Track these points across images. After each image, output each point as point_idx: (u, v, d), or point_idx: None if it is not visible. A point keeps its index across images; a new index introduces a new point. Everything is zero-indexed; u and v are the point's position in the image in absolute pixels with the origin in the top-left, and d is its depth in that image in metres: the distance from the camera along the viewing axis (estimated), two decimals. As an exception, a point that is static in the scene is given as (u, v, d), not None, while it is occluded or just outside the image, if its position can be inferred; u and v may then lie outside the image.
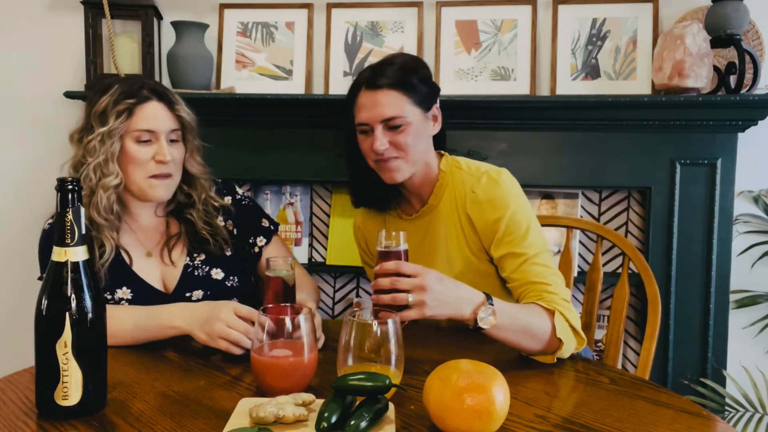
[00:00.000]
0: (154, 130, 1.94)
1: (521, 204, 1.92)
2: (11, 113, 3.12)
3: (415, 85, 1.93)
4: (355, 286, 3.10)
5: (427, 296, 1.55)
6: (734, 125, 2.58)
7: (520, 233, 1.87)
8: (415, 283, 1.55)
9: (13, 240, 3.15)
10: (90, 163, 1.92)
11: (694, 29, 2.49)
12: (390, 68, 1.94)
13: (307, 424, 1.24)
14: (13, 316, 3.14)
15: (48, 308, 1.27)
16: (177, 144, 2.00)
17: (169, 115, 1.97)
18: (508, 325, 1.65)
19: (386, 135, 1.92)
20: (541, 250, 1.87)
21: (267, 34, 2.96)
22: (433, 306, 1.56)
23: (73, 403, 1.28)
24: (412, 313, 1.56)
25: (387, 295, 1.57)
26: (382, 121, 1.91)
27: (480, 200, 1.93)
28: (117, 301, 1.94)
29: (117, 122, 1.91)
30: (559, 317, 1.71)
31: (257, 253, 2.16)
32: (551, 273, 1.83)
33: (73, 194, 1.27)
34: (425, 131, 1.99)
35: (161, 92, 1.99)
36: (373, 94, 1.93)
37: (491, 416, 1.19)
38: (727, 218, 2.64)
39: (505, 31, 2.83)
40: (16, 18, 3.08)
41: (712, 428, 1.33)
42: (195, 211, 2.06)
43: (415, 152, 1.94)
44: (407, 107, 1.92)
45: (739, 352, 2.77)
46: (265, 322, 1.43)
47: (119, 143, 1.93)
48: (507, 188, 1.93)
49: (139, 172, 1.94)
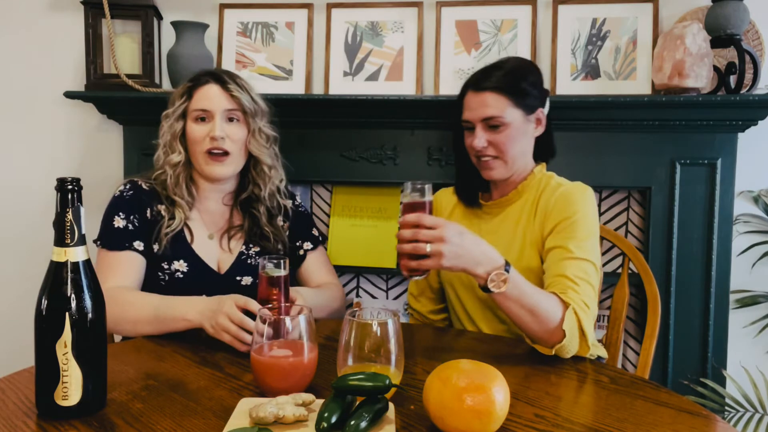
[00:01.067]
0: (208, 110, 2.10)
1: (592, 218, 1.99)
2: (11, 113, 3.13)
3: (519, 89, 2.04)
4: (355, 285, 3.11)
5: (445, 247, 1.62)
6: (734, 125, 2.58)
7: (579, 235, 1.92)
8: (434, 235, 1.62)
9: (14, 240, 3.15)
10: (160, 143, 2.18)
11: (694, 29, 2.49)
12: (497, 72, 2.06)
13: (307, 424, 1.24)
14: (13, 316, 3.14)
15: (48, 308, 1.27)
16: (236, 124, 2.14)
17: (224, 96, 2.12)
18: (516, 297, 1.69)
19: (485, 133, 2.04)
20: (589, 260, 1.89)
21: (267, 34, 2.96)
22: (449, 257, 1.63)
23: (73, 403, 1.28)
24: (429, 263, 1.63)
25: (408, 244, 1.64)
26: (482, 120, 2.04)
27: (561, 195, 2.01)
28: (172, 272, 2.08)
29: (178, 103, 2.15)
30: (571, 313, 1.72)
31: (302, 256, 2.31)
32: (585, 281, 1.85)
33: (72, 194, 1.26)
34: (525, 133, 2.09)
35: (218, 75, 2.16)
36: (477, 96, 2.05)
37: (491, 416, 1.19)
38: (727, 218, 2.64)
39: (505, 31, 2.83)
40: (16, 18, 3.08)
41: (713, 428, 1.33)
42: (261, 205, 2.22)
43: (512, 153, 2.06)
44: (508, 109, 2.02)
45: (739, 352, 2.77)
46: (265, 317, 1.43)
47: (181, 123, 2.14)
48: (588, 198, 2.01)
49: (198, 149, 2.11)
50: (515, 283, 1.68)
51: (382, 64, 2.90)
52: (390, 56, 2.89)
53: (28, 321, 1.34)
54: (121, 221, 2.05)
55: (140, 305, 1.88)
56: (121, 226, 2.05)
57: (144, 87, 2.79)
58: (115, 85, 2.86)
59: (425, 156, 2.79)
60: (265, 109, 2.22)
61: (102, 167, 3.08)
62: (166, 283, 2.06)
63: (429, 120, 2.76)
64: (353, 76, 2.91)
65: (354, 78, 2.91)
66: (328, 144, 2.82)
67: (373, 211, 3.01)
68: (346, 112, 2.78)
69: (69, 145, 3.11)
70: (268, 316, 1.45)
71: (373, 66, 2.90)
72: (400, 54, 2.89)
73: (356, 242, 2.98)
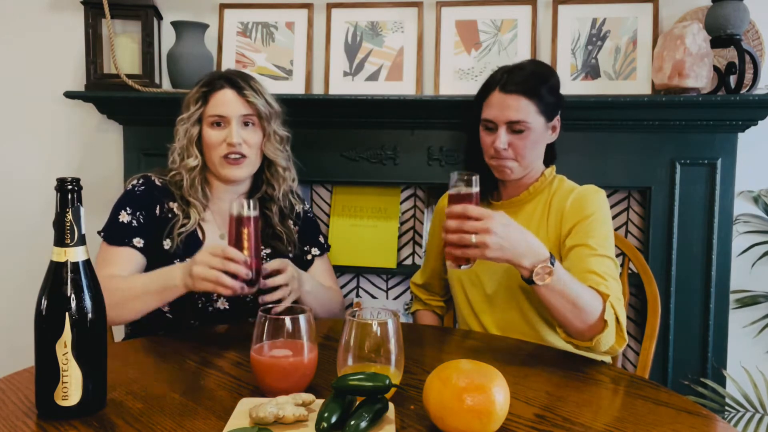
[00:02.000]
0: (224, 115, 2.11)
1: (606, 218, 2.02)
2: (11, 113, 3.13)
3: (544, 95, 2.06)
4: (355, 285, 3.11)
5: (491, 239, 1.65)
6: (734, 125, 2.59)
7: (599, 234, 1.96)
8: (479, 226, 1.65)
9: (14, 239, 3.15)
10: (176, 147, 2.18)
11: (694, 29, 2.49)
12: (522, 73, 2.08)
13: (307, 425, 1.24)
14: (13, 316, 3.14)
15: (48, 308, 1.27)
16: (251, 128, 2.15)
17: (239, 101, 2.12)
18: (560, 289, 1.72)
19: (508, 136, 2.06)
20: (611, 257, 1.93)
21: (267, 34, 2.97)
22: (494, 248, 1.66)
23: (73, 404, 1.28)
24: (475, 252, 1.67)
25: (454, 235, 1.68)
26: (507, 123, 2.05)
27: (578, 197, 2.04)
28: None
29: (194, 108, 2.15)
30: (609, 305, 1.76)
31: (309, 261, 2.33)
32: (612, 276, 1.88)
33: (72, 194, 1.26)
34: (543, 139, 2.13)
35: (234, 80, 2.16)
36: (504, 97, 2.05)
37: (491, 416, 1.19)
38: (727, 218, 2.64)
39: (505, 31, 2.83)
40: (16, 18, 3.08)
41: (713, 428, 1.33)
42: (274, 205, 2.24)
43: (530, 157, 2.09)
44: (532, 114, 2.05)
45: (739, 352, 2.77)
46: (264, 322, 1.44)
47: (197, 128, 2.15)
48: (603, 200, 2.05)
49: (214, 154, 2.12)
50: (559, 275, 1.71)
51: (382, 64, 2.90)
52: (390, 56, 2.90)
53: (28, 321, 1.34)
54: (126, 216, 2.07)
55: (128, 288, 1.90)
56: (125, 221, 2.07)
57: (144, 87, 2.79)
58: (115, 85, 2.86)
59: (425, 156, 2.80)
60: (279, 110, 2.23)
61: (102, 167, 3.08)
62: None
63: (429, 120, 2.76)
64: (353, 76, 2.91)
65: (354, 78, 2.91)
66: (328, 144, 2.82)
67: (373, 211, 3.01)
68: (346, 112, 2.78)
69: (69, 145, 3.12)
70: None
71: (373, 66, 2.90)
72: (400, 54, 2.89)
73: (356, 242, 2.98)
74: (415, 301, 2.50)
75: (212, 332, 1.95)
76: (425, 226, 2.98)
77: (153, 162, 2.81)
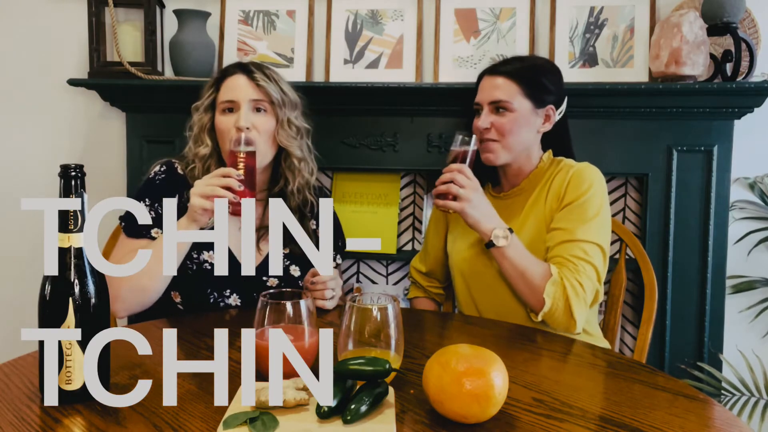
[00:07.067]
0: (234, 100, 2.09)
1: (601, 195, 2.06)
2: (15, 101, 3.14)
3: (533, 81, 2.11)
4: (355, 271, 3.12)
5: (473, 197, 1.94)
6: (730, 112, 2.60)
7: (586, 216, 2.00)
8: (470, 184, 1.95)
9: (18, 226, 3.17)
10: (191, 135, 2.18)
11: (691, 17, 2.50)
12: (514, 61, 2.18)
13: (308, 408, 1.25)
14: (17, 301, 3.16)
15: (51, 293, 1.28)
16: (263, 114, 2.12)
17: (250, 85, 2.10)
18: (511, 256, 1.94)
19: (490, 116, 2.12)
20: (593, 241, 1.97)
21: (268, 22, 2.97)
22: (472, 205, 1.95)
23: (77, 388, 1.29)
24: (456, 205, 1.95)
25: (444, 185, 1.97)
26: (490, 103, 2.12)
27: (575, 174, 2.07)
28: (201, 263, 2.07)
29: (206, 95, 2.17)
30: (556, 285, 1.88)
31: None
32: (585, 260, 1.94)
33: (76, 181, 1.27)
34: (530, 124, 2.13)
35: (246, 65, 2.16)
36: (491, 79, 2.15)
37: (490, 400, 1.20)
38: (723, 204, 2.65)
39: (504, 19, 2.84)
40: (19, 6, 3.09)
41: (709, 411, 1.35)
42: (291, 202, 2.19)
43: (513, 139, 2.11)
44: (517, 96, 2.10)
45: (735, 336, 2.80)
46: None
47: (209, 115, 2.15)
48: (598, 178, 2.08)
49: (226, 139, 2.08)
50: (514, 245, 1.94)
51: (382, 52, 2.91)
52: (390, 44, 2.91)
53: (32, 306, 1.35)
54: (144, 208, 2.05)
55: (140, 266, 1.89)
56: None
57: (147, 75, 2.80)
58: (118, 73, 2.87)
59: (425, 143, 2.81)
60: (296, 100, 2.20)
61: (105, 154, 3.09)
62: (193, 273, 2.06)
63: (428, 107, 2.77)
64: (353, 64, 2.92)
65: (354, 66, 2.92)
66: (329, 131, 2.83)
67: (374, 197, 3.03)
68: (347, 100, 2.79)
69: (72, 133, 3.13)
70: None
71: (373, 54, 2.91)
72: (399, 42, 2.90)
73: (357, 228, 2.99)
74: (415, 287, 2.51)
75: (216, 318, 1.96)
76: (425, 212, 2.99)
77: (155, 149, 2.83)
